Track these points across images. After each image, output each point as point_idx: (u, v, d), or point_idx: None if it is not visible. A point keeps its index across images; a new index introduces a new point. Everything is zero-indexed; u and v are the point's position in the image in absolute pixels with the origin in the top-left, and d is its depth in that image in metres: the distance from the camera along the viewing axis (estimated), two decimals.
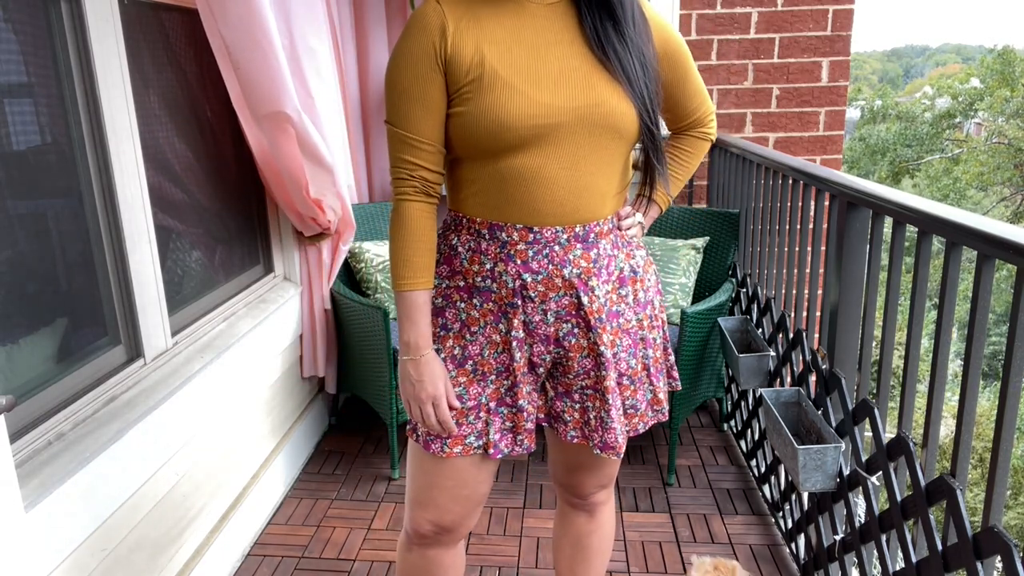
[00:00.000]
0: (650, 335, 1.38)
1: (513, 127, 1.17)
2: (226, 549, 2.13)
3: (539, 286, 1.26)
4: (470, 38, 1.19)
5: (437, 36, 1.18)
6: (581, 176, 1.23)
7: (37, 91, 1.59)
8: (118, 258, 1.82)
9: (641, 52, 1.25)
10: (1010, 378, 1.22)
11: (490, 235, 1.26)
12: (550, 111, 1.18)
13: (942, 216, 1.40)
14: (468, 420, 1.32)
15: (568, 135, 1.20)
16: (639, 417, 1.39)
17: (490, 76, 1.17)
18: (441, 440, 1.32)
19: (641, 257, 1.39)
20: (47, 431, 1.55)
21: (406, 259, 1.25)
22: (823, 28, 3.24)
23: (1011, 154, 15.73)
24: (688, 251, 2.85)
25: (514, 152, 1.20)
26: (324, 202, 2.48)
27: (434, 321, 1.32)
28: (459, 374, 1.31)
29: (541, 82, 1.19)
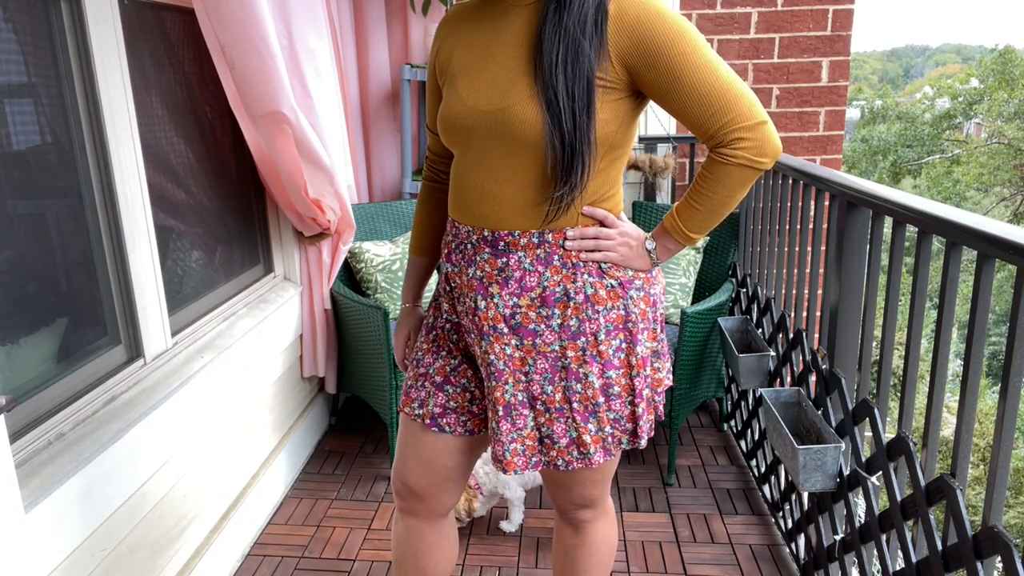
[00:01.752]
0: (579, 369, 1.24)
1: (444, 128, 1.26)
2: (226, 549, 2.13)
3: (456, 278, 1.33)
4: (449, 44, 1.30)
5: (437, 42, 1.34)
6: (488, 182, 1.21)
7: (37, 91, 1.59)
8: (118, 258, 1.82)
9: (573, 41, 1.11)
10: (1010, 378, 1.22)
11: (449, 227, 1.37)
12: (469, 113, 1.20)
13: (942, 216, 1.40)
14: (417, 386, 1.42)
15: (481, 139, 1.20)
16: (557, 452, 1.29)
17: (449, 80, 1.27)
18: (403, 397, 1.45)
19: (590, 286, 1.23)
20: (47, 431, 1.55)
21: (417, 230, 1.52)
22: (823, 28, 3.24)
23: (1011, 155, 15.73)
24: (688, 251, 2.85)
25: (455, 151, 1.29)
26: (323, 202, 2.48)
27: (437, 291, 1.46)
28: (423, 341, 1.44)
29: (476, 84, 1.21)
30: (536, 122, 1.13)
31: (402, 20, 3.14)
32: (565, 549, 1.56)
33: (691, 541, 2.30)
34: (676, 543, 2.29)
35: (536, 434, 1.29)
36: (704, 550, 2.26)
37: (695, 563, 2.19)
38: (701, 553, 2.24)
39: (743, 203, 2.82)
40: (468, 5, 1.31)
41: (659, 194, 3.31)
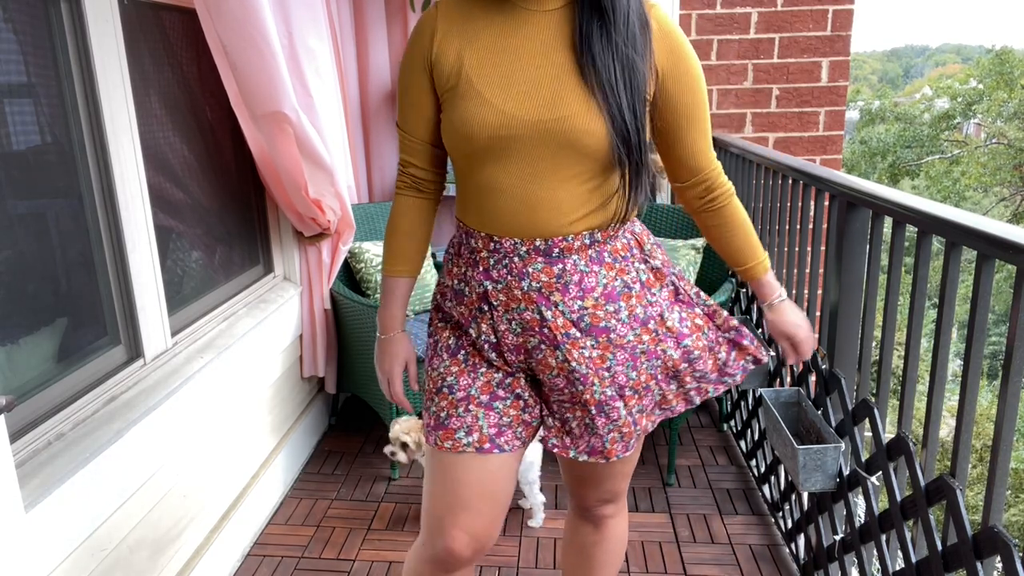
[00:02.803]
0: (656, 348, 1.30)
1: (475, 137, 1.17)
2: (226, 549, 2.13)
3: (500, 295, 1.24)
4: (454, 45, 1.20)
5: (427, 41, 1.22)
6: (538, 190, 1.19)
7: (37, 91, 1.59)
8: (118, 258, 1.82)
9: (628, 59, 1.15)
10: (1010, 378, 1.22)
11: (465, 240, 1.29)
12: (511, 123, 1.15)
13: (942, 216, 1.40)
14: (458, 413, 1.28)
15: (527, 148, 1.17)
16: (646, 417, 1.35)
17: (464, 84, 1.18)
18: (434, 433, 1.30)
19: (643, 272, 1.30)
20: (47, 431, 1.55)
21: (388, 245, 1.36)
22: (823, 28, 3.24)
23: (1011, 155, 15.73)
24: (688, 251, 2.85)
25: (481, 161, 1.20)
26: (323, 202, 2.48)
27: (434, 314, 1.38)
28: (452, 363, 1.31)
29: (510, 91, 1.16)
30: (600, 133, 1.15)
31: (402, 20, 3.14)
32: (583, 547, 1.56)
33: (691, 541, 2.30)
34: (676, 543, 2.29)
35: (631, 419, 1.32)
36: (704, 550, 2.26)
37: (695, 563, 2.19)
38: (701, 553, 2.24)
39: (743, 203, 2.82)
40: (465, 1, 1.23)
41: (659, 194, 3.31)
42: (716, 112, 3.35)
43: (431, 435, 1.31)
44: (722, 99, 3.35)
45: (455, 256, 1.31)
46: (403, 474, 2.70)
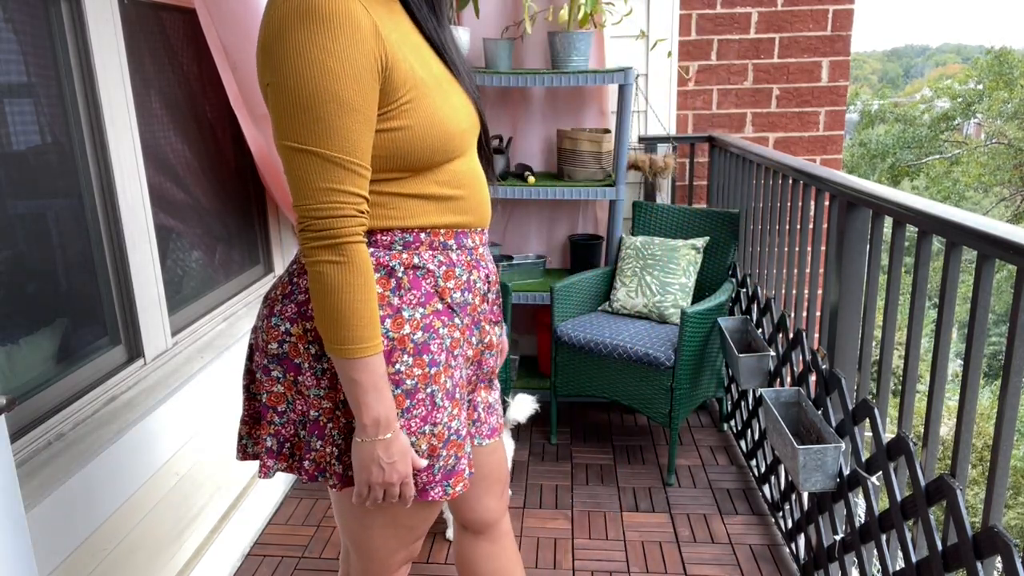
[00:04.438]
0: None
1: (455, 134, 1.10)
2: (226, 549, 2.13)
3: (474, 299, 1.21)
4: (393, 42, 1.02)
5: (373, 40, 0.98)
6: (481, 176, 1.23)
7: (37, 91, 1.59)
8: (118, 258, 1.82)
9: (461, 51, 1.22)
10: (1010, 378, 1.22)
11: (457, 245, 1.16)
12: (467, 115, 1.15)
13: (942, 216, 1.40)
14: (465, 452, 1.18)
15: (472, 138, 1.19)
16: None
17: (421, 84, 1.05)
18: (442, 485, 1.15)
19: None
20: (47, 431, 1.55)
21: (370, 317, 1.02)
22: (823, 28, 3.24)
23: (1011, 155, 15.73)
24: (688, 251, 2.85)
25: (453, 159, 1.13)
26: None
27: (418, 361, 1.10)
28: (452, 406, 1.15)
29: (443, 87, 1.11)
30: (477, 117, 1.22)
31: None
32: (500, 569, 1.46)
33: (691, 541, 2.30)
34: (676, 543, 2.29)
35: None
36: (704, 550, 2.26)
37: (695, 563, 2.19)
38: (701, 553, 2.24)
39: (743, 203, 2.82)
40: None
41: (659, 194, 3.31)
42: (716, 112, 3.35)
43: (436, 488, 1.14)
44: (722, 99, 3.35)
45: (446, 267, 1.15)
46: None
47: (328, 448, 1.13)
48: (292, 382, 1.13)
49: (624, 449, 2.88)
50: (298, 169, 0.98)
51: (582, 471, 2.72)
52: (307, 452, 1.15)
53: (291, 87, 0.95)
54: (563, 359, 2.77)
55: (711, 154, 3.30)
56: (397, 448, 1.07)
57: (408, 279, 1.11)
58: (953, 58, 46.22)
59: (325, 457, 1.14)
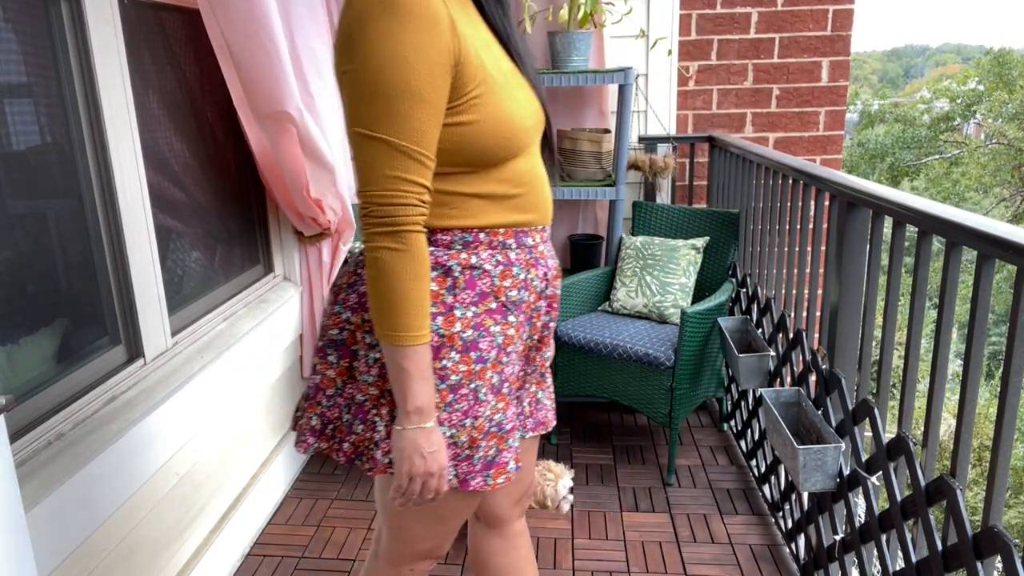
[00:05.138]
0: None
1: (520, 130, 1.11)
2: (226, 549, 2.13)
3: (554, 281, 1.27)
4: (467, 36, 1.04)
5: (449, 34, 1.00)
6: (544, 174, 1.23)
7: (37, 91, 1.59)
8: (118, 258, 1.82)
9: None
10: (1010, 378, 1.22)
11: (517, 244, 1.17)
12: (532, 111, 1.15)
13: (942, 216, 1.40)
14: (507, 445, 1.18)
15: (536, 135, 1.19)
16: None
17: (490, 80, 1.07)
18: (482, 475, 1.16)
19: None
20: (47, 431, 1.55)
21: (422, 306, 1.04)
22: (823, 28, 3.24)
23: (1011, 155, 15.72)
24: (688, 251, 2.85)
25: (517, 155, 1.14)
26: (324, 202, 2.48)
27: (465, 358, 1.12)
28: (498, 400, 1.16)
29: (510, 82, 1.12)
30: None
31: None
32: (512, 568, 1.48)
33: (691, 541, 2.30)
34: (676, 543, 2.29)
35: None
36: (704, 550, 2.26)
37: (695, 563, 2.19)
38: (701, 553, 2.24)
39: (743, 203, 2.82)
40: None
41: (659, 194, 3.31)
42: (716, 112, 3.35)
43: (476, 479, 1.15)
44: (722, 99, 3.35)
45: (504, 267, 1.15)
46: None
47: (368, 434, 1.16)
48: (346, 368, 1.18)
49: (624, 449, 2.88)
50: (366, 155, 1.00)
51: (582, 471, 2.72)
52: (347, 435, 1.18)
53: (368, 76, 0.97)
54: (563, 359, 2.77)
55: (711, 154, 3.30)
56: (437, 438, 1.08)
57: (464, 279, 1.13)
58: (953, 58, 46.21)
59: (364, 442, 1.16)
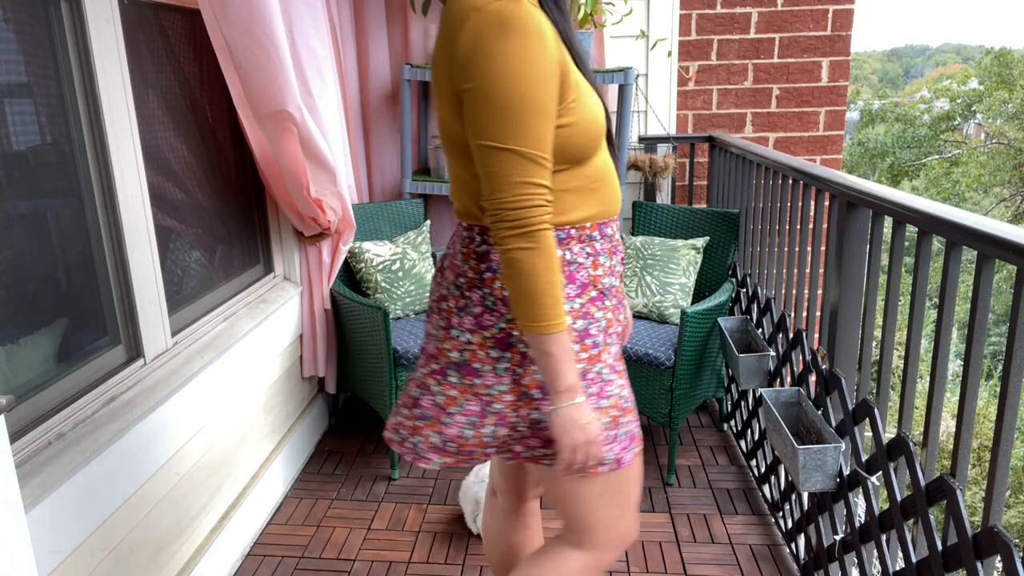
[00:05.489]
0: None
1: (601, 127, 1.22)
2: (226, 549, 2.13)
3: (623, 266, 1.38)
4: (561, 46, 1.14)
5: (555, 47, 1.10)
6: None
7: (37, 91, 1.59)
8: (118, 258, 1.82)
9: None
10: (1010, 378, 1.22)
11: (600, 235, 1.25)
12: (601, 109, 1.25)
13: (942, 216, 1.40)
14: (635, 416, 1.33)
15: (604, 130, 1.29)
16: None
17: (581, 83, 1.17)
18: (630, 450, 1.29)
19: None
20: (47, 431, 1.55)
21: (558, 295, 1.12)
22: (823, 28, 3.24)
23: (1011, 155, 15.72)
24: (688, 251, 2.85)
25: (598, 151, 1.24)
26: (324, 202, 2.48)
27: (583, 346, 1.22)
28: (618, 377, 1.28)
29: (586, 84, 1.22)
30: None
31: (402, 20, 3.14)
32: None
33: (691, 541, 2.30)
34: (676, 543, 2.29)
35: None
36: (704, 550, 2.26)
37: (695, 563, 2.19)
38: (701, 553, 2.24)
39: (743, 203, 2.82)
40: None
41: (659, 194, 3.31)
42: (716, 112, 3.36)
43: (628, 454, 1.28)
44: (722, 99, 3.35)
45: (593, 257, 1.24)
46: (403, 474, 2.70)
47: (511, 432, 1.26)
48: (468, 385, 1.24)
49: None
50: (495, 165, 1.08)
51: None
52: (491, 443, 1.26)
53: (493, 92, 1.05)
54: None
55: (711, 154, 3.30)
56: (587, 411, 1.17)
57: (565, 274, 1.21)
58: (953, 58, 46.21)
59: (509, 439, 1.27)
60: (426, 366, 1.30)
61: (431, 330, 1.29)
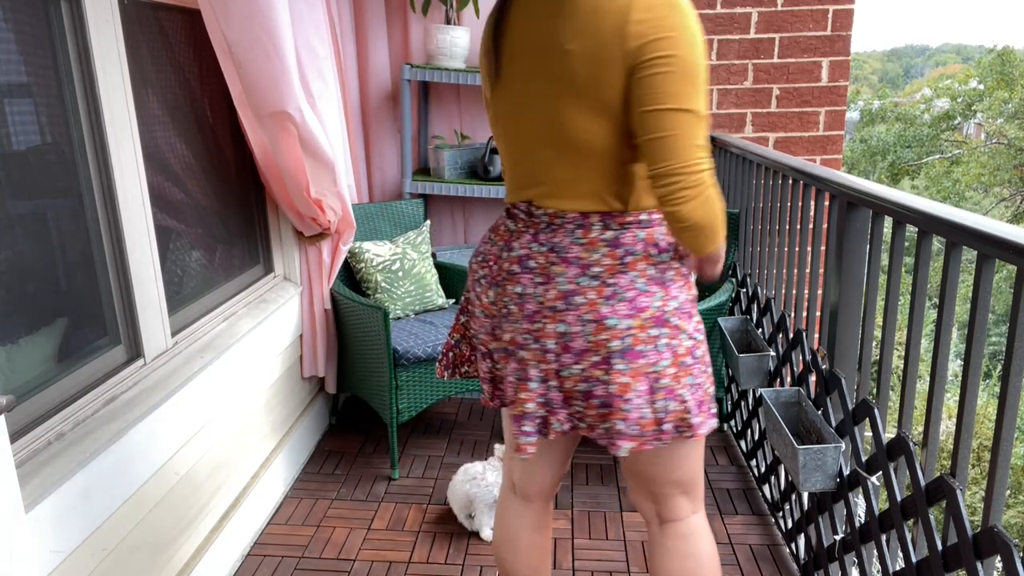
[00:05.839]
0: None
1: None
2: (226, 549, 2.13)
3: None
4: None
5: None
6: None
7: (37, 91, 1.59)
8: (118, 258, 1.82)
9: None
10: (1010, 378, 1.22)
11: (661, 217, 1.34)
12: None
13: (942, 216, 1.40)
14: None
15: None
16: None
17: None
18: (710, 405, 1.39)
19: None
20: (47, 431, 1.55)
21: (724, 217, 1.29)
22: (823, 28, 3.24)
23: (1011, 155, 15.72)
24: None
25: None
26: (324, 202, 2.48)
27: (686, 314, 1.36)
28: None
29: None
30: None
31: (402, 20, 3.14)
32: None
33: None
34: None
35: None
36: None
37: None
38: None
39: (743, 203, 2.82)
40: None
41: None
42: (716, 112, 3.36)
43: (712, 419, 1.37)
44: (722, 99, 3.35)
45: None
46: (403, 474, 2.70)
47: (680, 406, 1.31)
48: (636, 369, 1.28)
49: None
50: (685, 130, 1.16)
51: (582, 471, 2.72)
52: (665, 418, 1.31)
53: (692, 63, 1.17)
54: None
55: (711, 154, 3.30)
56: None
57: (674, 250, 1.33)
58: (953, 58, 46.19)
59: (680, 415, 1.31)
60: (583, 359, 1.29)
61: (572, 328, 1.28)
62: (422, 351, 2.57)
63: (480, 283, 1.40)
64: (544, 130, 1.27)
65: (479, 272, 1.40)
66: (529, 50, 1.25)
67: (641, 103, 1.16)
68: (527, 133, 1.30)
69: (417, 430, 3.03)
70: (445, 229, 3.41)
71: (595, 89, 1.19)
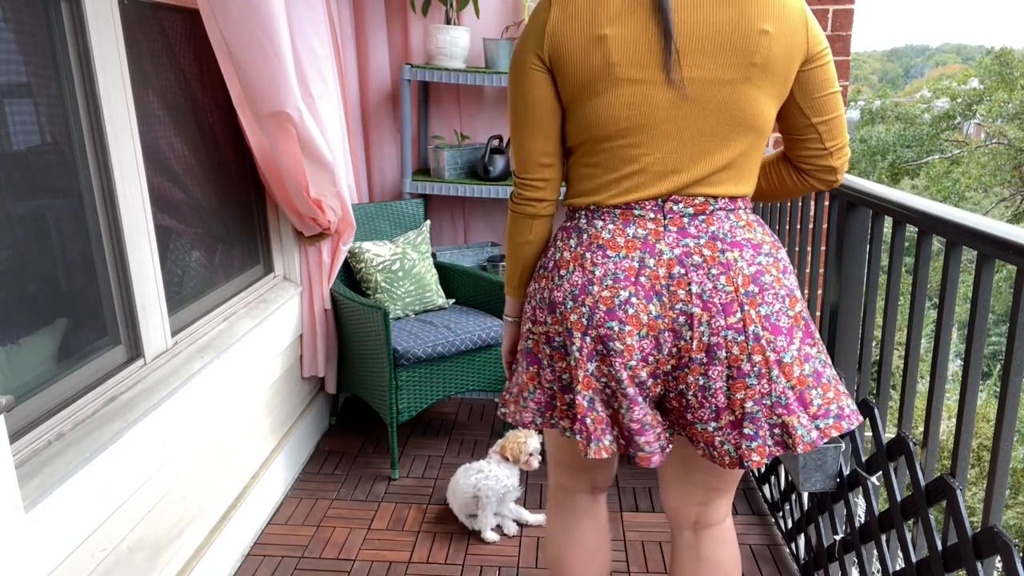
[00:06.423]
0: None
1: None
2: (226, 549, 2.13)
3: None
4: None
5: None
6: None
7: (37, 91, 1.59)
8: (118, 258, 1.82)
9: None
10: (1010, 378, 1.22)
11: None
12: None
13: (942, 216, 1.40)
14: None
15: None
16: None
17: None
18: None
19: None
20: (47, 431, 1.55)
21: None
22: (823, 28, 3.24)
23: (1011, 155, 15.71)
24: None
25: None
26: (324, 202, 2.48)
27: None
28: None
29: None
30: None
31: (402, 20, 3.14)
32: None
33: None
34: None
35: None
36: None
37: None
38: None
39: None
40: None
41: None
42: None
43: None
44: None
45: None
46: (403, 474, 2.70)
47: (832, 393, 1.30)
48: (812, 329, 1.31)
49: None
50: (841, 108, 1.31)
51: None
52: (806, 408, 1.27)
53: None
54: None
55: None
56: None
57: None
58: (953, 58, 46.19)
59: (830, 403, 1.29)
60: (792, 338, 1.24)
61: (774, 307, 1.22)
62: (422, 351, 2.57)
63: (629, 305, 1.22)
64: (717, 115, 1.20)
65: (621, 295, 1.22)
66: (707, 35, 1.17)
67: (820, 88, 1.26)
68: (685, 120, 1.20)
69: (417, 430, 3.03)
70: (445, 229, 3.41)
71: (785, 71, 1.22)
